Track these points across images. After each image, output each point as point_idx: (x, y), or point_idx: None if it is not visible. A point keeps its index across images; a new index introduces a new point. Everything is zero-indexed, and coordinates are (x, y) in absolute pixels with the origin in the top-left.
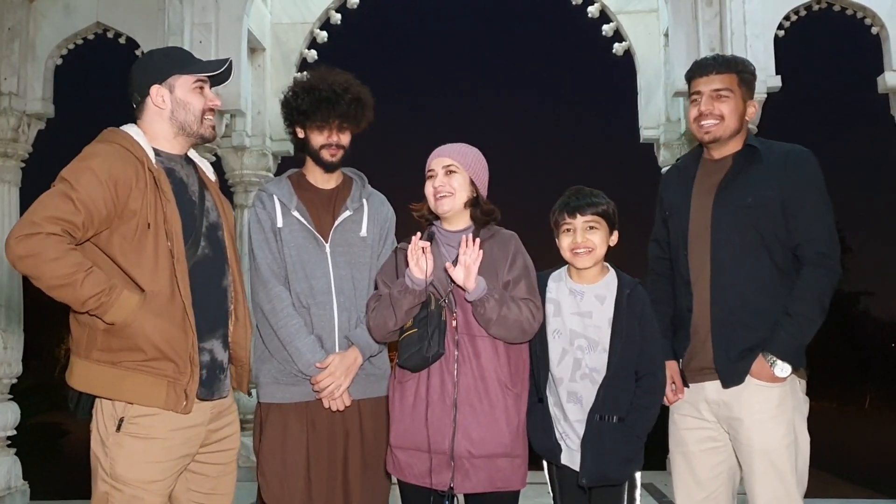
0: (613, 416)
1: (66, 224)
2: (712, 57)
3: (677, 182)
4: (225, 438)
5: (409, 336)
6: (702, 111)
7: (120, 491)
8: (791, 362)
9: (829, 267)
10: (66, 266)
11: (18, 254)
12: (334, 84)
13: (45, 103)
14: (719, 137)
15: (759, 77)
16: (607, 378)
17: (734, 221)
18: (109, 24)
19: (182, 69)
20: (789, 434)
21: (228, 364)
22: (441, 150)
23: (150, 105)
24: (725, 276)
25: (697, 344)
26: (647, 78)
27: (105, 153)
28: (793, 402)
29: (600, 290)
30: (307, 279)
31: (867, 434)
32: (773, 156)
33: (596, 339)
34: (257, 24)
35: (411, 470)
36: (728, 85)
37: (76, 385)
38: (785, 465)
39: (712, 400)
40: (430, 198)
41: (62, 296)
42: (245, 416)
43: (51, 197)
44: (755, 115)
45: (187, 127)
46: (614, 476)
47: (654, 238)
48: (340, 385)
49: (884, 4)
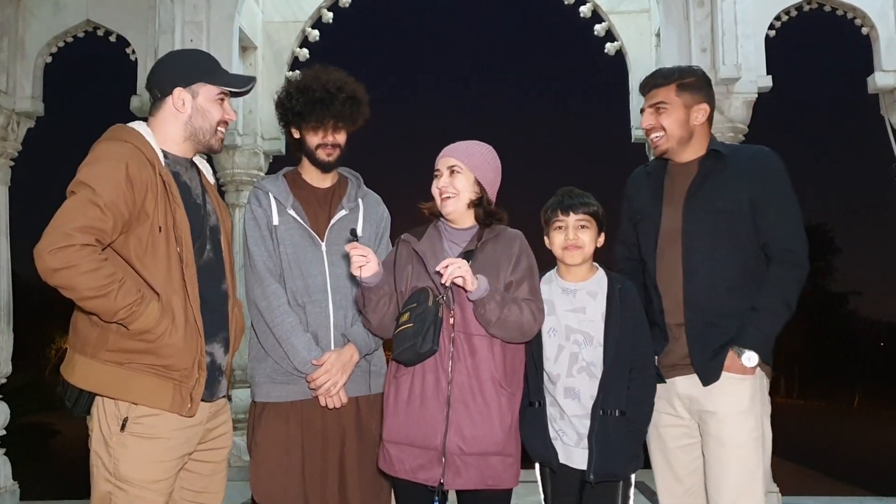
0: (616, 410)
1: (97, 232)
2: (655, 71)
3: (646, 185)
4: (219, 437)
5: (404, 330)
6: (644, 126)
7: (124, 491)
8: (757, 351)
9: (796, 262)
10: (101, 278)
11: (53, 266)
12: (328, 83)
13: (34, 101)
14: (667, 149)
15: (750, 77)
16: (605, 372)
17: (705, 225)
18: (100, 22)
19: (210, 78)
20: (758, 428)
21: (226, 367)
22: (447, 149)
23: (168, 105)
24: (697, 278)
25: (671, 342)
26: (639, 78)
27: (120, 154)
28: (760, 397)
29: (592, 286)
30: (303, 277)
31: (856, 432)
32: (739, 159)
33: (591, 333)
34: (249, 22)
35: (402, 465)
36: (664, 98)
37: (78, 383)
38: (752, 459)
39: (683, 395)
40: (436, 197)
41: (95, 306)
42: (236, 415)
43: (77, 205)
44: (704, 118)
45: (200, 135)
46: (622, 471)
47: (622, 240)
48: (337, 382)
49: (874, 5)
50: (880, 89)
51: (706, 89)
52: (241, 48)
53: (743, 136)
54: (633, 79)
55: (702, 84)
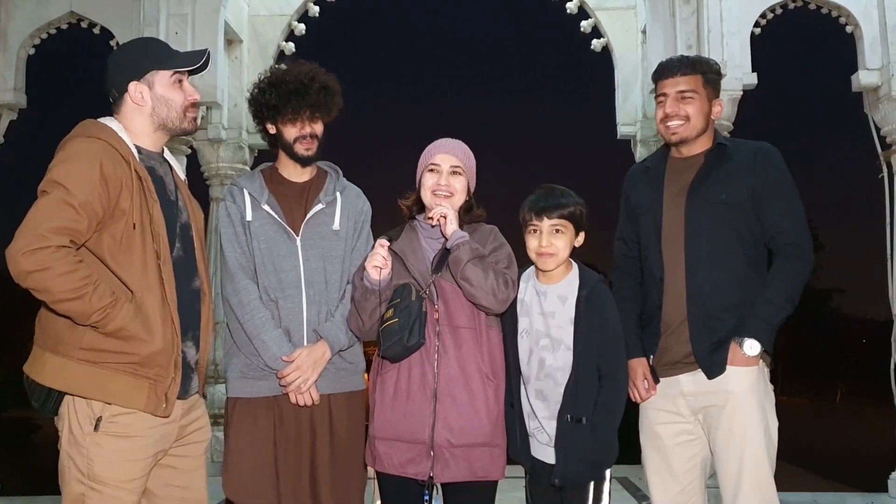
0: (582, 417)
1: (72, 233)
2: (678, 58)
3: (646, 181)
4: (195, 431)
5: (390, 326)
6: (667, 112)
7: (98, 491)
8: (759, 340)
9: (802, 257)
10: (75, 280)
11: (27, 269)
12: (300, 75)
13: (16, 93)
14: (686, 138)
15: (736, 74)
16: (571, 377)
17: (708, 218)
18: (83, 14)
19: (160, 64)
20: (764, 419)
21: (197, 364)
22: (448, 146)
23: (128, 102)
24: (700, 271)
25: (670, 339)
26: (625, 74)
27: (93, 152)
28: (764, 387)
29: (562, 289)
30: (276, 272)
31: (838, 428)
32: (742, 153)
33: (559, 338)
34: (234, 15)
35: (390, 461)
36: (693, 86)
37: (48, 382)
38: (761, 450)
39: (688, 392)
40: (426, 191)
41: (68, 309)
42: (215, 410)
43: (51, 205)
44: (721, 114)
45: (169, 123)
46: (586, 478)
47: (620, 236)
48: (308, 379)
49: (858, 4)
50: (864, 87)
51: (719, 85)
52: (226, 41)
53: (728, 133)
54: (620, 75)
55: (719, 79)
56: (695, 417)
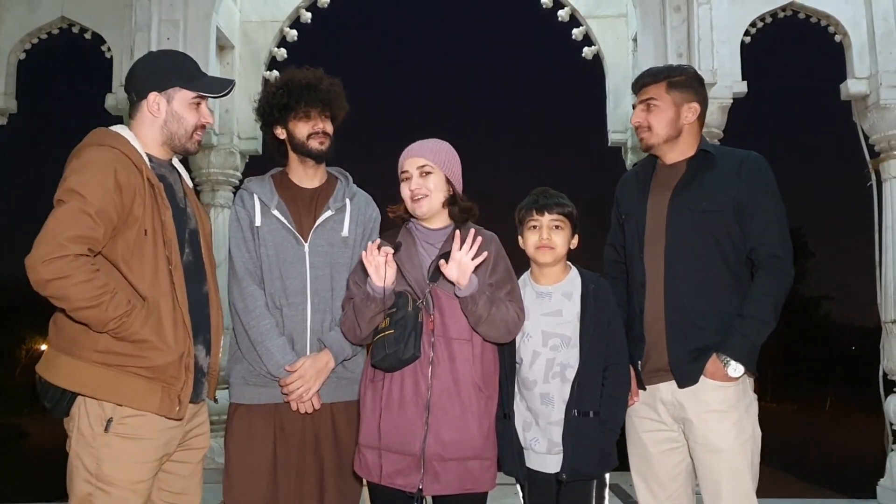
0: (590, 412)
1: (89, 241)
2: (647, 69)
3: (634, 187)
4: (196, 437)
5: (385, 337)
6: (633, 122)
7: (106, 492)
8: (744, 363)
9: (783, 269)
10: (93, 289)
11: (46, 277)
12: (308, 76)
13: (7, 98)
14: (652, 145)
15: (726, 83)
16: (579, 372)
17: (689, 225)
18: (75, 19)
19: (186, 83)
20: (744, 432)
21: (209, 368)
22: (413, 149)
23: (144, 109)
24: (679, 278)
25: (651, 346)
26: (616, 82)
27: (107, 160)
28: (745, 400)
29: (566, 287)
30: (282, 279)
31: (827, 435)
32: (728, 161)
33: (569, 335)
34: (226, 21)
35: (378, 471)
36: (654, 94)
37: (62, 383)
38: (741, 463)
39: (667, 401)
40: (406, 200)
41: (86, 316)
42: (212, 417)
43: (69, 214)
44: (694, 118)
45: (175, 139)
46: (594, 471)
47: (610, 242)
48: (310, 388)
49: (846, 13)
50: (852, 96)
51: (697, 88)
52: (218, 47)
53: (718, 140)
54: (610, 83)
55: (692, 83)
56: (678, 426)
